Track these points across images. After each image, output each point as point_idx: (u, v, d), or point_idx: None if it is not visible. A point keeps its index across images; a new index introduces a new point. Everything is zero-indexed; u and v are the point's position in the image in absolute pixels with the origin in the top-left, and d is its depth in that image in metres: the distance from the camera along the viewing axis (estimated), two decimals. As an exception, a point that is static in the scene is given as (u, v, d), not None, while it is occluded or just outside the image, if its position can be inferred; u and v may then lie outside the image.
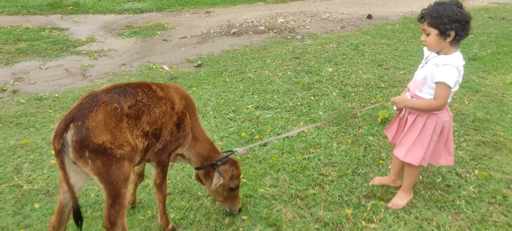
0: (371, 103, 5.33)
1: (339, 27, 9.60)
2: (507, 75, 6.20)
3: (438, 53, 2.92)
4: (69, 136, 2.44)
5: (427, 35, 2.88)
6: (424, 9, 2.89)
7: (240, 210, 3.43)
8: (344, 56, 7.21)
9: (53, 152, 4.42)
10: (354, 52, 7.45)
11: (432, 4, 2.87)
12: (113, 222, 2.66)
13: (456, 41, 2.83)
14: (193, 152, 3.22)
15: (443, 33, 2.79)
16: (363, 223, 3.29)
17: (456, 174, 3.86)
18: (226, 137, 4.67)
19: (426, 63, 3.03)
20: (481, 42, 8.22)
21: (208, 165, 3.23)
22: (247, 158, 4.22)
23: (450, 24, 2.76)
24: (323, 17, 10.68)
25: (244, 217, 3.41)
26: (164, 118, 2.87)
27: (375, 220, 3.31)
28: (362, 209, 3.45)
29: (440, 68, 2.84)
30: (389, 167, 3.98)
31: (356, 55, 7.31)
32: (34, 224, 3.40)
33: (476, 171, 3.89)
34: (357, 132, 4.66)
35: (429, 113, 3.04)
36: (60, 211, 2.73)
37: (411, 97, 3.11)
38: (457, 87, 2.95)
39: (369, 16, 10.66)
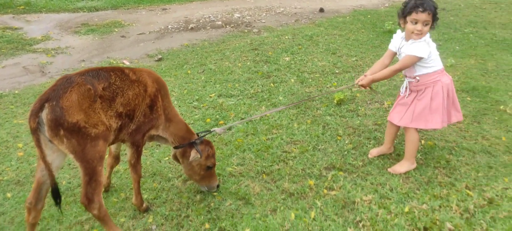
0: (340, 86, 5.67)
1: (293, 21, 9.95)
2: (448, 59, 6.73)
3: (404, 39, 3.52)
4: (44, 114, 2.57)
5: (426, 25, 3.33)
6: (420, 2, 3.29)
7: (218, 186, 3.60)
8: (300, 46, 7.55)
9: (20, 145, 4.47)
10: (309, 43, 7.80)
11: None
12: (90, 198, 2.79)
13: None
14: (169, 132, 3.38)
15: (434, 22, 3.37)
16: (325, 191, 3.58)
17: (406, 144, 4.25)
18: (192, 123, 4.85)
19: (401, 49, 3.55)
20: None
21: (187, 143, 3.40)
22: (213, 141, 4.43)
23: (437, 14, 3.38)
24: (277, 11, 11.01)
25: (215, 193, 3.62)
26: (137, 99, 3.02)
27: (335, 188, 3.62)
28: (323, 179, 3.75)
29: (413, 45, 3.38)
30: (346, 142, 4.32)
31: (311, 45, 7.66)
32: (8, 212, 3.47)
33: (423, 141, 4.28)
34: (315, 113, 4.98)
35: (434, 82, 3.48)
36: (37, 188, 2.84)
37: (413, 78, 3.56)
38: (436, 55, 3.50)
39: (321, 10, 11.08)
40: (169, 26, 9.47)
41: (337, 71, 6.35)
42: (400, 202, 3.38)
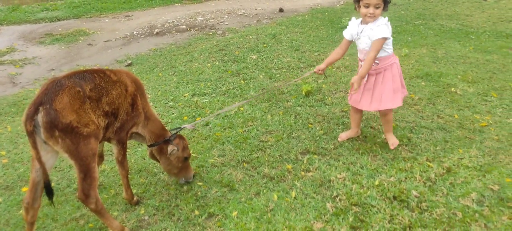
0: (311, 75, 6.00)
1: (255, 21, 10.28)
2: (402, 49, 7.26)
3: (362, 23, 3.82)
4: (40, 117, 2.72)
5: (378, 8, 3.61)
6: None
7: (194, 176, 3.87)
8: (265, 45, 7.88)
9: (3, 153, 4.55)
10: (273, 41, 8.15)
11: None
12: (87, 194, 2.98)
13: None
14: (147, 130, 3.59)
15: (386, 5, 3.66)
16: (302, 173, 3.91)
17: (371, 127, 4.65)
18: (170, 122, 5.07)
19: (361, 34, 3.82)
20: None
21: (161, 141, 3.62)
22: (193, 136, 4.68)
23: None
24: (239, 13, 11.31)
25: (200, 183, 3.87)
26: (120, 99, 3.23)
27: (311, 169, 3.96)
28: (300, 163, 4.08)
29: (376, 29, 3.65)
30: (317, 129, 4.67)
31: (275, 43, 8.01)
32: (2, 215, 3.59)
33: (387, 124, 4.70)
34: (286, 105, 5.31)
35: (391, 65, 3.85)
36: (33, 188, 2.97)
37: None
38: (391, 39, 3.80)
39: (281, 10, 11.47)
40: (134, 32, 9.58)
41: (302, 66, 6.73)
42: (370, 177, 3.76)
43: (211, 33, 9.24)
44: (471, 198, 3.43)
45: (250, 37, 8.54)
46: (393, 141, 4.19)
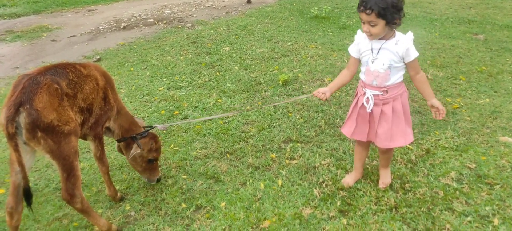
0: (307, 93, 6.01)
1: (224, 13, 10.22)
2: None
3: (381, 39, 2.94)
4: (22, 119, 2.61)
5: (373, 26, 2.81)
6: (363, 0, 2.82)
7: (158, 180, 3.72)
8: (237, 36, 7.86)
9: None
10: (245, 32, 8.14)
11: None
12: (72, 193, 2.89)
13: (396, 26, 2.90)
14: (117, 124, 3.51)
15: (391, 22, 2.80)
16: (287, 161, 3.95)
17: (350, 113, 4.74)
18: (147, 116, 5.00)
19: (378, 53, 2.96)
20: (346, 14, 9.45)
21: (128, 137, 3.54)
22: (173, 130, 4.62)
23: (397, 13, 2.78)
24: (207, 5, 11.21)
25: (185, 176, 3.84)
26: (93, 93, 3.14)
27: (295, 157, 3.99)
28: (283, 151, 4.11)
29: (409, 48, 2.90)
30: (298, 117, 4.71)
31: (247, 34, 8.00)
32: (-20, 219, 3.46)
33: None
34: (264, 95, 5.33)
35: (401, 95, 3.09)
36: (14, 191, 2.86)
37: (382, 91, 3.05)
38: None
39: (249, 1, 11.45)
40: (100, 27, 9.34)
41: (276, 56, 6.75)
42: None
43: (180, 26, 9.12)
44: (451, 177, 3.56)
45: (221, 29, 8.49)
46: (385, 180, 3.52)
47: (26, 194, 2.80)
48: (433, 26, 8.35)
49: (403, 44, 2.90)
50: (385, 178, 3.53)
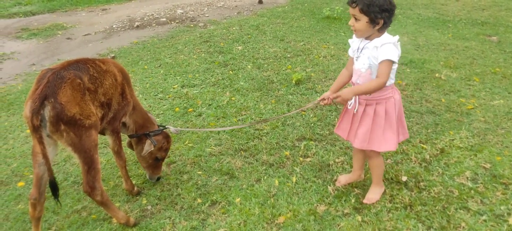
0: (311, 101, 6.05)
1: (235, 13, 10.28)
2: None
3: (367, 38, 2.92)
4: (47, 112, 2.68)
5: (356, 20, 2.83)
6: None
7: (158, 179, 3.77)
8: (249, 36, 7.90)
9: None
10: (257, 32, 8.18)
11: None
12: (92, 186, 2.95)
13: (383, 28, 2.84)
14: (132, 119, 3.57)
15: (373, 21, 2.77)
16: (301, 159, 3.98)
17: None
18: (162, 113, 5.05)
19: (360, 52, 2.97)
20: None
21: (141, 134, 3.59)
22: (187, 126, 4.68)
23: (381, 13, 2.74)
24: (218, 5, 11.27)
25: (200, 172, 3.89)
26: (112, 88, 3.20)
27: (309, 155, 4.03)
28: (297, 149, 4.14)
29: (380, 49, 2.81)
30: (311, 116, 4.74)
31: (259, 34, 8.04)
32: (0, 210, 3.53)
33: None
34: (277, 94, 5.37)
35: (386, 99, 3.01)
36: (37, 183, 2.92)
37: None
38: (395, 67, 2.95)
39: (260, 2, 11.48)
40: (113, 26, 9.44)
41: (288, 55, 6.79)
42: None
43: (192, 25, 9.19)
44: (466, 176, 3.57)
45: (233, 28, 8.54)
46: (370, 195, 3.38)
47: (52, 186, 2.86)
48: (446, 27, 8.34)
49: (378, 44, 2.83)
50: (371, 193, 3.40)
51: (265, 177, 3.74)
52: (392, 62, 2.80)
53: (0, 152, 4.38)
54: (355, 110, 3.11)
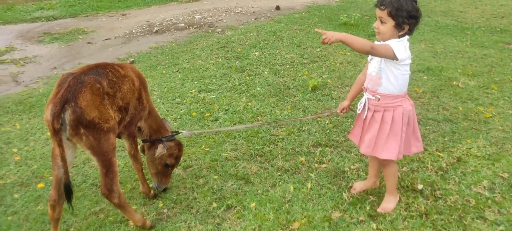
0: (326, 110, 6.07)
1: (253, 19, 10.35)
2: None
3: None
4: (67, 115, 2.75)
5: (382, 23, 2.84)
6: None
7: (165, 190, 3.75)
8: (266, 42, 7.96)
9: (14, 150, 4.57)
10: (274, 38, 8.23)
11: None
12: (110, 188, 3.01)
13: (405, 34, 2.86)
14: (147, 124, 3.61)
15: (399, 26, 2.78)
16: (316, 165, 3.99)
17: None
18: (179, 118, 5.12)
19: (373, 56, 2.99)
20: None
21: (154, 139, 3.62)
22: (204, 131, 4.73)
23: (408, 19, 2.77)
24: (236, 11, 11.37)
25: (215, 177, 3.93)
26: (130, 93, 3.26)
27: (325, 161, 4.04)
28: (313, 155, 4.15)
29: (391, 40, 2.83)
30: (327, 122, 4.75)
31: (276, 40, 8.08)
32: (20, 211, 3.63)
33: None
34: (293, 100, 5.39)
35: (394, 107, 2.99)
36: (57, 185, 2.98)
37: (373, 95, 3.04)
38: (408, 67, 2.93)
39: (278, 8, 11.55)
40: (133, 31, 9.60)
41: (305, 62, 6.81)
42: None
43: (210, 31, 9.28)
44: (483, 186, 3.54)
45: (251, 34, 8.60)
46: (385, 205, 3.35)
47: (67, 190, 2.90)
48: (464, 35, 8.26)
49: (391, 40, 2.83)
50: (386, 202, 3.37)
51: (280, 183, 3.76)
52: (394, 54, 2.77)
53: (21, 154, 4.50)
54: (364, 115, 3.13)
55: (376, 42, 2.93)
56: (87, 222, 3.44)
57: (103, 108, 2.93)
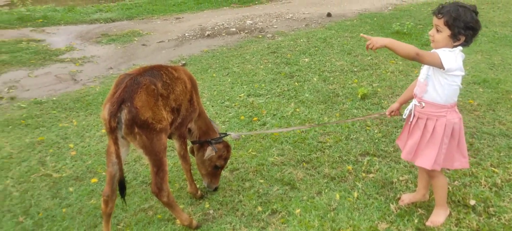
0: (370, 114, 6.01)
1: (304, 25, 10.34)
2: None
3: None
4: (123, 115, 2.87)
5: (438, 31, 2.81)
6: (442, 5, 2.82)
7: (216, 189, 3.85)
8: (316, 48, 7.93)
9: (71, 145, 4.80)
10: (324, 45, 8.19)
11: (452, 3, 2.81)
12: (160, 187, 3.10)
13: (460, 45, 2.82)
14: (197, 126, 3.71)
15: (454, 36, 2.75)
16: (363, 174, 3.94)
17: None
18: (227, 121, 5.21)
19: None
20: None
21: (203, 141, 3.71)
22: (251, 136, 4.78)
23: (465, 30, 2.72)
24: (287, 17, 11.40)
25: (261, 181, 3.96)
26: (182, 95, 3.36)
27: (372, 171, 3.98)
28: (360, 164, 4.10)
29: (441, 49, 2.80)
30: (376, 132, 4.68)
31: (326, 47, 8.04)
32: (73, 204, 3.81)
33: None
34: (342, 108, 5.35)
35: (438, 117, 2.94)
36: (110, 181, 3.10)
37: (419, 102, 3.03)
38: (457, 79, 2.86)
39: (329, 15, 11.48)
40: (186, 34, 9.85)
41: (355, 69, 6.74)
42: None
43: (261, 36, 9.37)
44: (541, 205, 3.37)
45: (301, 40, 8.60)
46: (434, 218, 3.26)
47: (121, 185, 3.04)
48: (525, 46, 7.87)
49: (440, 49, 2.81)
50: (435, 215, 3.26)
51: (326, 190, 3.75)
52: (440, 62, 2.73)
53: (77, 149, 4.72)
54: (410, 121, 3.12)
55: (433, 50, 2.89)
56: (136, 218, 3.57)
57: (157, 109, 3.03)
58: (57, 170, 4.36)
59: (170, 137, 3.53)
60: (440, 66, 2.76)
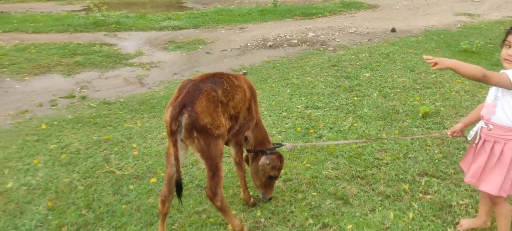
0: (427, 132, 5.84)
1: (366, 40, 10.21)
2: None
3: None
4: (184, 119, 2.97)
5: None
6: None
7: (270, 199, 3.85)
8: (378, 64, 7.81)
9: (134, 145, 5.04)
10: (386, 60, 8.04)
11: None
12: (214, 192, 3.17)
13: None
14: (253, 135, 3.74)
15: None
16: (420, 195, 3.82)
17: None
18: (284, 131, 5.24)
19: None
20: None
21: (258, 150, 3.74)
22: (307, 147, 4.78)
23: None
24: (350, 31, 11.32)
25: (314, 193, 3.95)
26: (241, 103, 3.41)
27: (430, 192, 3.85)
28: (417, 184, 3.99)
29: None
30: (436, 152, 4.52)
31: (388, 62, 7.89)
32: (133, 201, 3.98)
33: None
34: (401, 125, 5.22)
35: (506, 139, 2.80)
36: (169, 181, 3.21)
37: (486, 124, 2.90)
38: None
39: (393, 30, 11.25)
40: (248, 44, 10.05)
41: (418, 87, 6.56)
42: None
43: (322, 49, 9.36)
44: None
45: (363, 55, 8.50)
46: None
47: (177, 187, 3.14)
48: None
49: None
50: None
51: (380, 208, 3.67)
52: (510, 80, 2.61)
53: (139, 149, 4.95)
54: (475, 143, 2.99)
55: (502, 71, 2.76)
56: (190, 220, 3.68)
57: (216, 115, 3.11)
58: (120, 168, 4.59)
59: (227, 143, 3.61)
60: (509, 87, 2.65)
